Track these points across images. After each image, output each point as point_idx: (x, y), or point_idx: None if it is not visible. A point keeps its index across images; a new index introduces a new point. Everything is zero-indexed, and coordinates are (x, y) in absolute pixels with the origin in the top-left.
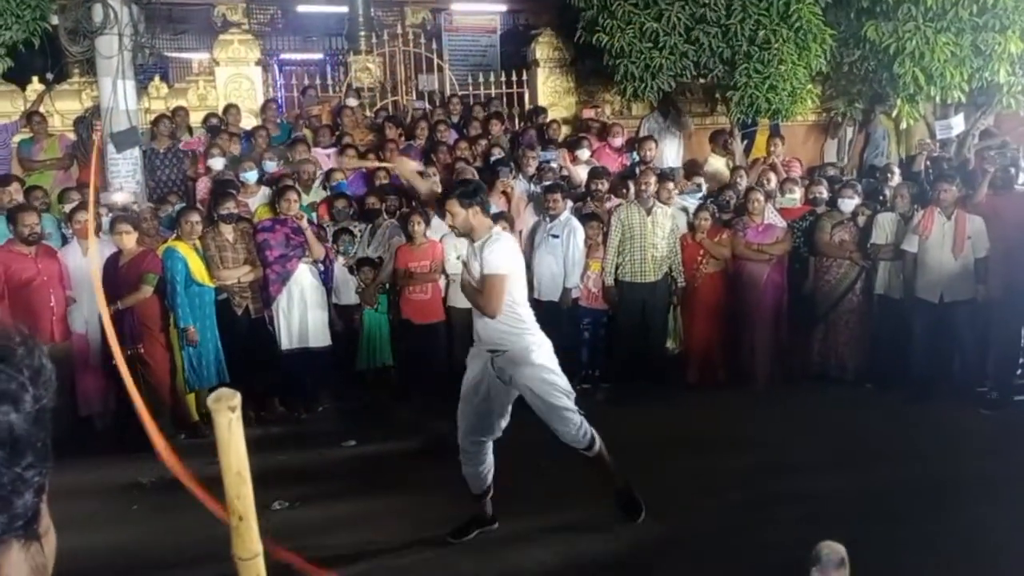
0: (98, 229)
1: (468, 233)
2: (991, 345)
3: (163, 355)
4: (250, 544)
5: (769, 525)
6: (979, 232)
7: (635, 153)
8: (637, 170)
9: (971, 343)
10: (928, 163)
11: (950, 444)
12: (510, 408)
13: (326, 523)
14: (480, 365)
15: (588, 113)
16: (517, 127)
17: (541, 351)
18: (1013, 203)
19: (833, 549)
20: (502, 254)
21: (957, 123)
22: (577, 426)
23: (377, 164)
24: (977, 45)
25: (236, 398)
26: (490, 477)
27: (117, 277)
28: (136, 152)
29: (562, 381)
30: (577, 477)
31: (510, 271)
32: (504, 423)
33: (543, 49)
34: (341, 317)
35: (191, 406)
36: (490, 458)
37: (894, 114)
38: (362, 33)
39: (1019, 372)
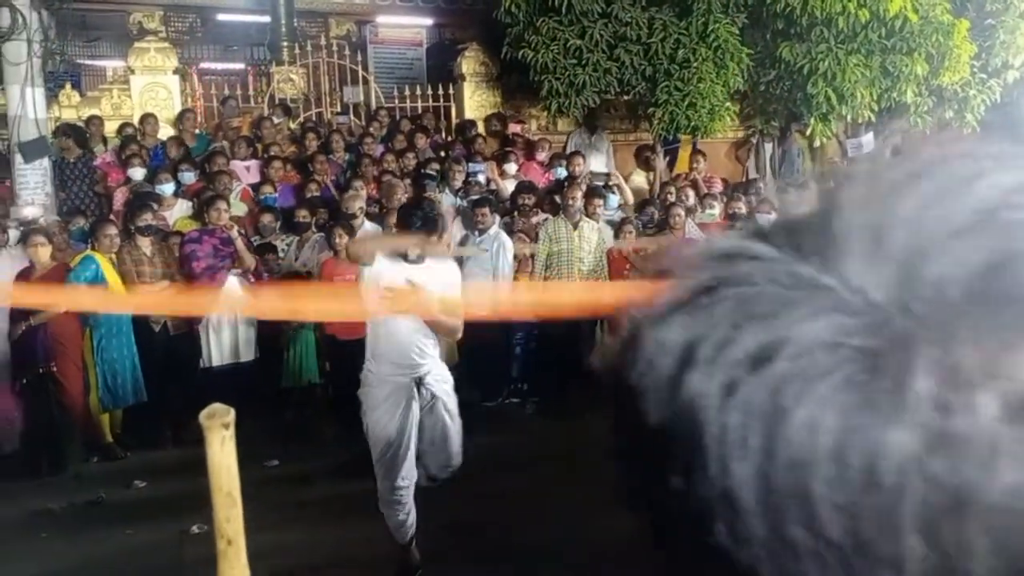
0: (3, 243)
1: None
2: None
3: (76, 374)
4: (238, 570)
5: None
6: None
7: (561, 168)
8: (565, 184)
9: None
10: None
11: None
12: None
13: (247, 545)
14: (402, 398)
15: (514, 128)
16: (444, 140)
17: None
18: None
19: None
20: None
21: (867, 141)
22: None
23: None
24: (885, 67)
25: (230, 414)
26: (414, 521)
27: None
28: (46, 163)
29: None
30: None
31: None
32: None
33: (469, 63)
34: (265, 333)
35: (105, 427)
36: (411, 501)
37: (808, 132)
38: (285, 43)
39: None
